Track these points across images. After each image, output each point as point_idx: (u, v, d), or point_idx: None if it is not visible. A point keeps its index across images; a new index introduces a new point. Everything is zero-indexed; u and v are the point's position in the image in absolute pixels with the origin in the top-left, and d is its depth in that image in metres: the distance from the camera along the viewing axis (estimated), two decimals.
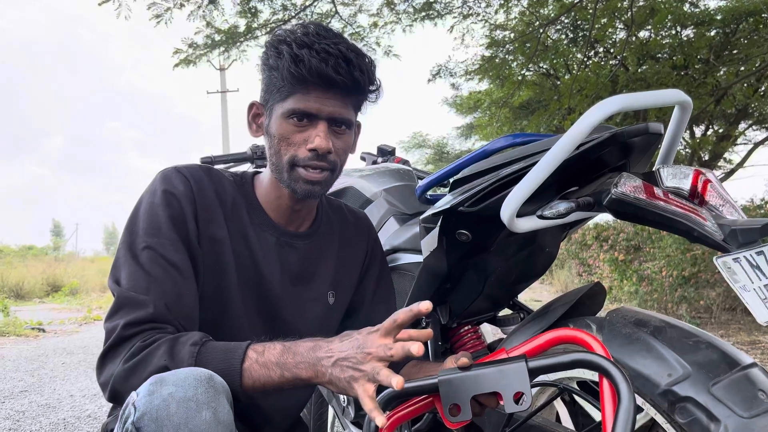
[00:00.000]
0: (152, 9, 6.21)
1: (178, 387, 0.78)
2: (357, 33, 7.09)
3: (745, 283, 0.85)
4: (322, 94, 1.06)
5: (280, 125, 1.09)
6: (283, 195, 1.17)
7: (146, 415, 0.77)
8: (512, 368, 0.83)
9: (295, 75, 1.04)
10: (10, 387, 4.05)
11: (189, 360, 0.90)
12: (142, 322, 0.95)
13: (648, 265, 7.00)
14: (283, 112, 1.08)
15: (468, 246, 1.22)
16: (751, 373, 0.90)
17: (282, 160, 1.10)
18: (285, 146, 1.09)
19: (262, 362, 0.91)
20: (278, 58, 1.06)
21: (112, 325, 0.96)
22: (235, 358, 0.91)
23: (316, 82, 1.05)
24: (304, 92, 1.06)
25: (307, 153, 1.08)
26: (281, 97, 1.08)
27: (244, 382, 0.90)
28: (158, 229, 1.03)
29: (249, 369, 0.91)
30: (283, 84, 1.07)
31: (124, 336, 0.94)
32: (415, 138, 17.22)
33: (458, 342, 1.52)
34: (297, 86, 1.06)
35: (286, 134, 1.09)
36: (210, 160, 2.02)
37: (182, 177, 1.10)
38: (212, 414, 0.78)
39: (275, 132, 1.10)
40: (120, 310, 0.97)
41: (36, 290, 12.55)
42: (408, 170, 1.97)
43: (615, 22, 7.54)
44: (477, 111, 11.85)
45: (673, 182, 1.00)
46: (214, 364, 0.90)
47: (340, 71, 1.04)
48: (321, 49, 1.03)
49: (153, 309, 0.96)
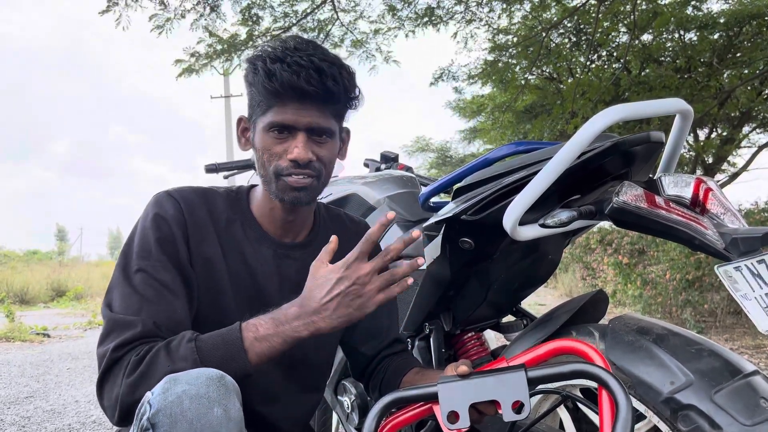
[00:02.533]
0: (153, 20, 6.25)
1: (191, 385, 0.81)
2: (359, 41, 7.11)
3: (746, 292, 0.85)
4: (299, 105, 1.09)
5: (263, 138, 1.12)
6: (276, 206, 1.19)
7: (161, 411, 0.79)
8: (511, 377, 0.84)
9: (269, 89, 1.07)
10: (15, 392, 4.06)
11: (192, 356, 0.92)
12: (132, 341, 0.97)
13: (652, 269, 6.99)
14: (263, 126, 1.11)
15: (471, 254, 1.23)
16: (753, 380, 0.91)
17: (268, 171, 1.13)
18: (268, 158, 1.12)
19: (261, 337, 0.97)
20: (255, 74, 1.09)
21: (103, 350, 0.98)
22: (235, 343, 0.95)
23: (290, 94, 1.07)
24: (281, 105, 1.09)
25: (288, 163, 1.11)
26: (261, 111, 1.12)
27: (251, 360, 0.95)
28: (149, 252, 1.06)
29: (251, 347, 0.96)
30: (261, 99, 1.11)
31: (116, 358, 0.96)
32: (419, 142, 17.25)
33: (462, 349, 1.53)
34: (273, 100, 1.09)
35: (268, 147, 1.12)
36: (214, 167, 2.03)
37: (173, 200, 1.13)
38: (223, 411, 0.81)
39: (259, 145, 1.13)
40: (110, 334, 0.99)
41: (41, 295, 12.56)
42: (411, 177, 1.98)
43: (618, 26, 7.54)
44: (480, 115, 11.85)
45: (674, 191, 1.00)
46: (218, 354, 0.94)
47: (312, 82, 1.06)
48: (293, 62, 1.06)
49: (141, 327, 0.98)
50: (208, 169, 2.03)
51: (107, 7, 5.90)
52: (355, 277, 0.98)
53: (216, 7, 6.43)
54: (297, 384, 1.25)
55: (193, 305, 1.10)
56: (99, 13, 6.00)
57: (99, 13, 6.00)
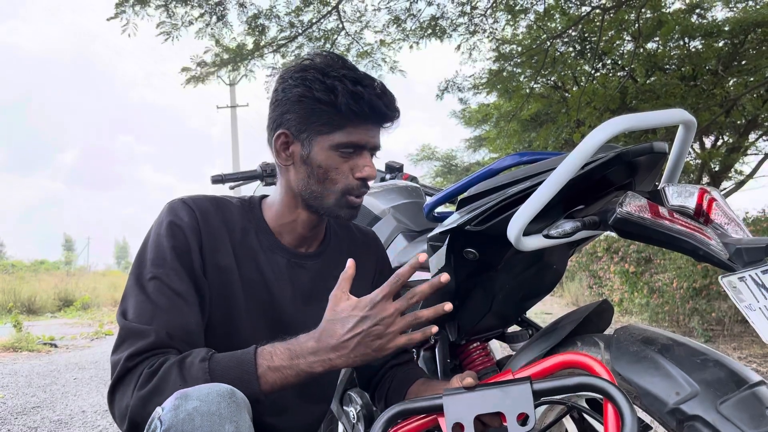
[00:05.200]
0: (160, 27, 6.31)
1: (202, 402, 0.81)
2: (365, 52, 7.14)
3: (751, 302, 0.85)
4: (371, 126, 1.14)
5: (328, 156, 1.13)
6: (300, 219, 1.20)
7: (172, 428, 0.80)
8: (517, 389, 0.85)
9: (355, 111, 1.09)
10: (23, 403, 4.07)
11: (203, 377, 0.92)
12: (145, 351, 0.98)
13: (659, 277, 6.95)
14: (331, 145, 1.12)
15: (475, 264, 1.23)
16: (759, 391, 0.90)
17: (331, 188, 1.15)
18: (334, 175, 1.14)
19: (274, 367, 0.96)
20: (329, 92, 1.09)
21: (116, 358, 0.99)
22: (249, 369, 0.95)
23: (371, 116, 1.12)
24: (354, 126, 1.12)
25: (356, 182, 1.15)
26: (328, 130, 1.12)
27: (262, 388, 0.95)
28: (163, 260, 1.06)
29: (264, 375, 0.95)
30: (330, 117, 1.11)
31: (129, 367, 0.97)
32: (424, 150, 17.27)
33: (467, 359, 1.52)
34: (346, 120, 1.11)
35: (335, 164, 1.14)
36: (220, 178, 2.04)
37: (188, 208, 1.13)
38: (235, 428, 0.81)
39: (322, 162, 1.13)
40: (124, 342, 1.00)
41: (48, 305, 12.61)
42: (416, 187, 1.99)
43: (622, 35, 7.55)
44: (486, 123, 11.86)
45: (678, 201, 1.00)
46: (230, 376, 0.93)
47: (390, 107, 1.13)
48: (373, 86, 1.11)
49: (155, 337, 0.99)
50: (214, 179, 2.04)
51: (115, 13, 5.97)
52: (380, 317, 0.95)
53: (222, 17, 6.49)
54: (305, 395, 1.26)
55: (205, 314, 1.10)
56: (107, 20, 6.07)
57: (107, 19, 6.07)
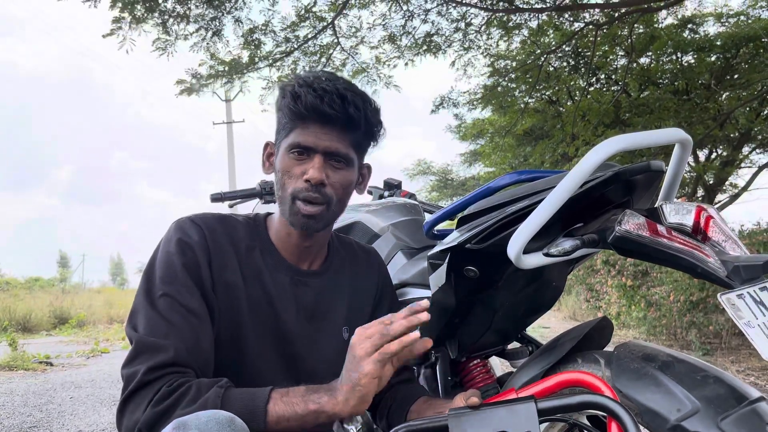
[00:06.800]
0: (156, 42, 6.36)
1: (200, 430, 0.80)
2: (362, 69, 7.20)
3: (750, 319, 0.86)
4: (320, 129, 1.13)
5: (283, 159, 1.16)
6: (292, 232, 1.21)
7: None
8: (522, 408, 0.85)
9: (294, 111, 1.12)
10: (18, 423, 4.03)
11: (215, 401, 0.92)
12: (165, 365, 0.97)
13: (656, 291, 6.95)
14: (285, 147, 1.15)
15: (476, 282, 1.24)
16: (759, 407, 0.91)
17: (285, 193, 1.16)
18: (287, 179, 1.16)
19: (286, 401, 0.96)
20: (282, 98, 1.15)
21: (132, 371, 0.97)
22: (260, 399, 0.95)
23: (313, 117, 1.12)
24: (303, 127, 1.13)
25: (303, 184, 1.14)
26: (285, 134, 1.16)
27: (268, 420, 0.94)
28: (174, 277, 1.07)
29: (273, 408, 0.94)
30: (286, 121, 1.15)
31: (147, 381, 0.95)
32: (420, 165, 17.33)
33: (468, 376, 1.53)
34: (297, 122, 1.13)
35: (287, 167, 1.15)
36: (220, 196, 2.05)
37: (196, 226, 1.14)
38: None
39: (279, 166, 1.17)
40: (140, 356, 0.99)
41: (43, 323, 12.50)
42: (415, 204, 2.00)
43: (615, 50, 7.63)
44: (481, 138, 11.91)
45: (675, 218, 1.01)
46: (238, 405, 0.93)
47: (334, 107, 1.10)
48: (319, 87, 1.11)
49: (174, 353, 0.98)
50: (213, 198, 2.05)
51: (111, 30, 6.01)
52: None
53: (218, 32, 6.54)
54: None
55: (214, 330, 1.11)
56: (103, 36, 6.12)
57: (103, 35, 6.11)
